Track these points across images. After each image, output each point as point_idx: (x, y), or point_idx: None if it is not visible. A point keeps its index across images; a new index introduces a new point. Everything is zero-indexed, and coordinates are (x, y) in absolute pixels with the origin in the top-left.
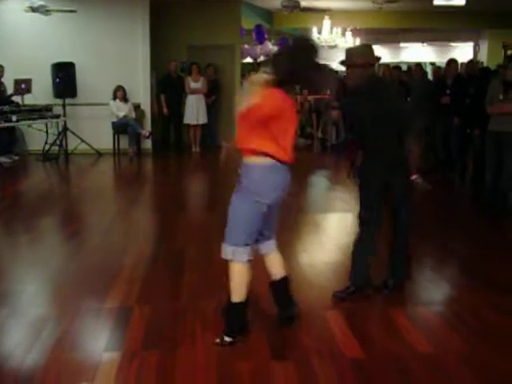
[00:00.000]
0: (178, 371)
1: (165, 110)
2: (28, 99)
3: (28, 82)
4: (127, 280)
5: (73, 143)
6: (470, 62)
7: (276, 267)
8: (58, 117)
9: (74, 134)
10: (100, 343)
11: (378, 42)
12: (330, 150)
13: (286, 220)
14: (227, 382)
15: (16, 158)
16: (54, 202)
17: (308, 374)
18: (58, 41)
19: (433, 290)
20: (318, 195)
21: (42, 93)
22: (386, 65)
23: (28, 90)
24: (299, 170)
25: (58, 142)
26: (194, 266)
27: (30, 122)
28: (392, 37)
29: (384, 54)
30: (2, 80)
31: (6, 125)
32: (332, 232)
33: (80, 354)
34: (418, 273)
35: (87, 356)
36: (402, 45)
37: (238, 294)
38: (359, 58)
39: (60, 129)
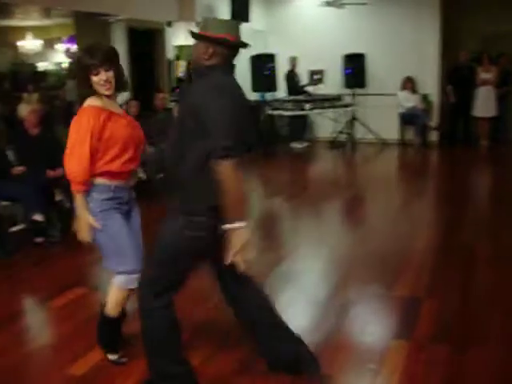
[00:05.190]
0: (469, 371)
1: (451, 100)
2: (319, 89)
3: (321, 72)
4: (415, 270)
5: (359, 132)
6: None
7: None
8: (347, 106)
9: (361, 123)
10: (388, 330)
11: None
12: None
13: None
14: None
15: (306, 144)
16: (340, 187)
17: None
18: (350, 32)
19: None
20: None
21: (332, 83)
22: None
23: (320, 81)
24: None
25: (345, 130)
26: (485, 263)
27: (321, 110)
28: None
29: None
30: (296, 71)
31: (300, 113)
32: None
33: (368, 338)
34: None
35: (375, 341)
36: None
37: None
38: (204, 29)
39: (348, 118)
